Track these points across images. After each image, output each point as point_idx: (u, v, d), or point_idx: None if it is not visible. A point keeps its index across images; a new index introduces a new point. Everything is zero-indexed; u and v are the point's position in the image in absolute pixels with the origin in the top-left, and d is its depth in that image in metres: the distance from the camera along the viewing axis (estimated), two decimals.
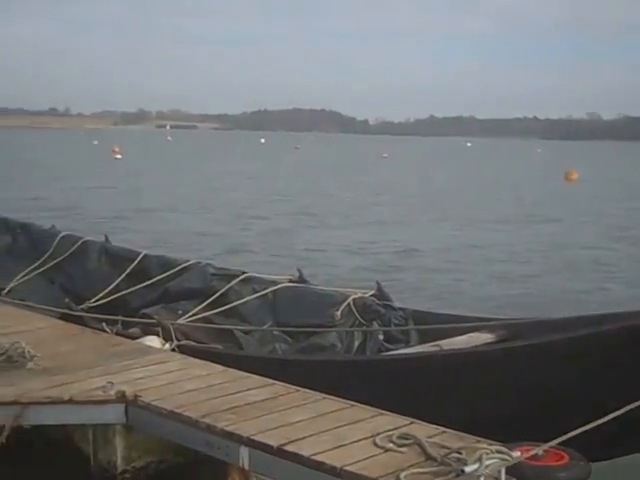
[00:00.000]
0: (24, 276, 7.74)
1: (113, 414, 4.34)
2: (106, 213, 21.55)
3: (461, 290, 12.56)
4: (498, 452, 3.46)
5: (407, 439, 3.79)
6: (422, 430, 3.91)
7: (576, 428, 3.56)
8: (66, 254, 7.86)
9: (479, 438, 3.77)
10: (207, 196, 28.09)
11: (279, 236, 18.14)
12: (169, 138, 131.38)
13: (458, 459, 3.50)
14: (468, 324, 5.74)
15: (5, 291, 7.35)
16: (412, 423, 4.03)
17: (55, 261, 7.87)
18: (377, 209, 25.00)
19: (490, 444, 3.60)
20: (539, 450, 3.55)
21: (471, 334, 5.63)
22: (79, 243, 7.91)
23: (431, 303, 10.04)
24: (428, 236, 18.84)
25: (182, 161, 54.49)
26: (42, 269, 7.84)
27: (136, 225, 19.04)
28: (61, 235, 8.17)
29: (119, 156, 57.66)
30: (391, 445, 3.75)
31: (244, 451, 3.88)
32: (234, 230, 19.02)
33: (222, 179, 37.49)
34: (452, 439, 3.81)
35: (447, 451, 3.61)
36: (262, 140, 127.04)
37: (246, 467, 3.92)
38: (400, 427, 3.97)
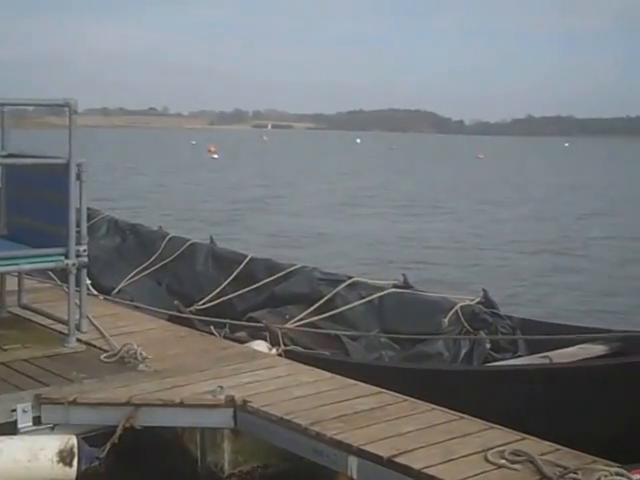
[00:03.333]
0: (133, 277, 7.89)
1: (222, 418, 4.37)
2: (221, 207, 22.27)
3: None
4: (618, 474, 3.36)
5: (520, 456, 3.67)
6: (535, 447, 3.79)
7: None
8: (174, 256, 7.97)
9: (596, 458, 3.64)
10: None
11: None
12: (265, 138, 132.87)
13: None
14: (579, 335, 5.59)
15: (115, 291, 7.52)
16: (524, 439, 3.91)
17: (163, 262, 7.98)
18: None
19: (608, 465, 3.49)
20: None
21: (582, 345, 5.48)
22: (186, 245, 8.01)
23: None
24: None
25: (278, 162, 55.09)
26: (150, 270, 7.96)
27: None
28: (169, 237, 8.29)
29: (216, 156, 58.74)
30: (503, 461, 3.64)
31: (353, 460, 3.84)
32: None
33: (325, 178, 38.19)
34: (567, 458, 3.68)
35: (562, 470, 3.50)
36: (358, 140, 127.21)
37: (354, 477, 3.87)
38: (511, 442, 3.85)
